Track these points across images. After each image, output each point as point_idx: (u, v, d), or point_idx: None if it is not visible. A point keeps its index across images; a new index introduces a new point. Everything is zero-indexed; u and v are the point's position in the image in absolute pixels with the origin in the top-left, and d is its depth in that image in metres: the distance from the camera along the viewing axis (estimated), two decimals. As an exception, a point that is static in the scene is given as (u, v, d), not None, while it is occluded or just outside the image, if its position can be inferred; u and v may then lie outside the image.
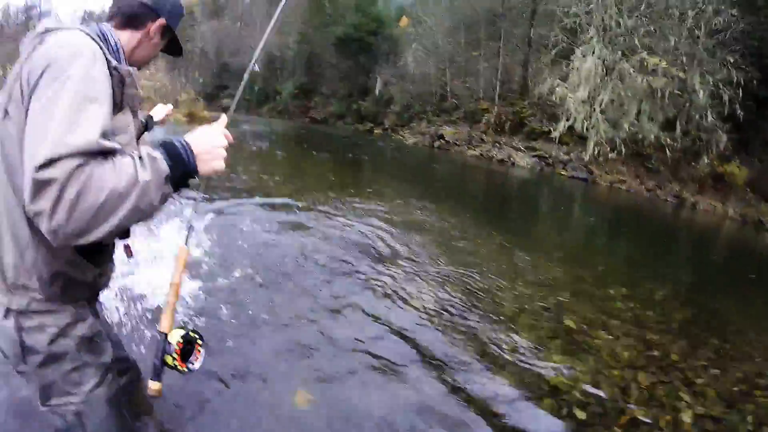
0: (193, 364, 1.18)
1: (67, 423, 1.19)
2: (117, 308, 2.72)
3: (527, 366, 2.56)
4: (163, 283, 2.53)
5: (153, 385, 1.12)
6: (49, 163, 0.81)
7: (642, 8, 14.87)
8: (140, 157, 0.90)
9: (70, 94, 0.90)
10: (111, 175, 0.84)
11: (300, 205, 5.78)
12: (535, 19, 19.23)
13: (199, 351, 1.19)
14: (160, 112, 1.64)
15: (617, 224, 8.73)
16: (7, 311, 1.08)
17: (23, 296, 1.07)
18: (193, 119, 17.49)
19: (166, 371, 1.15)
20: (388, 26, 28.96)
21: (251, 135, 16.45)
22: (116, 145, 0.89)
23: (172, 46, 1.32)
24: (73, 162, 0.82)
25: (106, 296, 2.45)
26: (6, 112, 1.00)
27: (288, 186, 7.35)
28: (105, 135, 0.89)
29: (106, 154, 0.86)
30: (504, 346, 2.75)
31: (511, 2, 20.65)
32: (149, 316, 2.65)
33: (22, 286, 1.07)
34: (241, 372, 2.30)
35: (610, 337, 3.08)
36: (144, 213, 0.90)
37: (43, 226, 0.82)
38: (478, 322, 3.02)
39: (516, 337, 2.87)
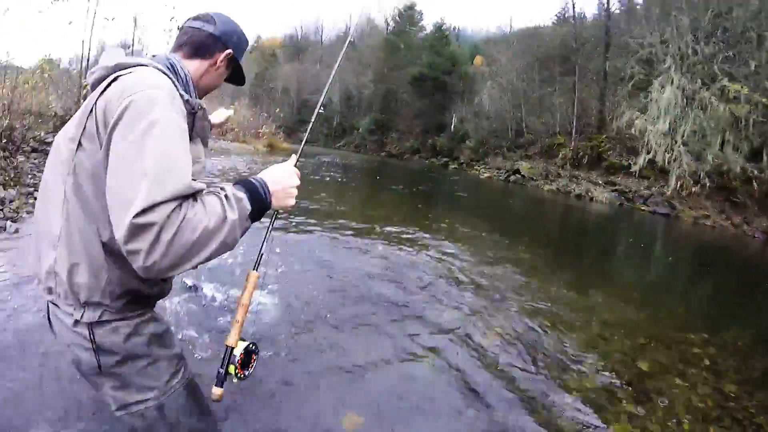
0: (248, 371, 1.27)
1: (147, 420, 1.22)
2: (185, 315, 2.92)
3: (594, 410, 2.49)
4: (230, 300, 3.15)
5: (216, 391, 1.21)
6: (148, 209, 0.87)
7: (718, 34, 14.53)
8: (226, 197, 0.98)
9: (157, 140, 0.95)
10: (202, 216, 0.91)
11: (370, 233, 5.89)
12: (609, 51, 19.26)
13: (254, 360, 1.29)
14: (220, 115, 1.72)
15: (700, 263, 8.25)
16: (76, 323, 1.12)
17: (95, 310, 1.12)
18: (274, 150, 19.30)
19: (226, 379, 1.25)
20: (462, 65, 29.85)
21: (327, 166, 17.13)
22: (203, 186, 0.96)
23: (236, 76, 1.39)
24: (170, 207, 0.88)
25: (172, 303, 2.86)
26: (80, 144, 1.05)
27: (361, 215, 7.54)
28: (193, 176, 0.96)
29: (195, 194, 0.94)
30: (571, 388, 2.68)
31: (583, 37, 20.87)
32: (212, 327, 2.81)
33: (96, 303, 1.11)
34: (290, 386, 2.35)
35: (685, 385, 2.93)
36: (229, 247, 0.98)
37: (138, 264, 0.89)
38: (544, 360, 2.97)
39: (585, 379, 2.81)
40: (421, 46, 32.56)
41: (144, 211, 0.86)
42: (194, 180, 0.94)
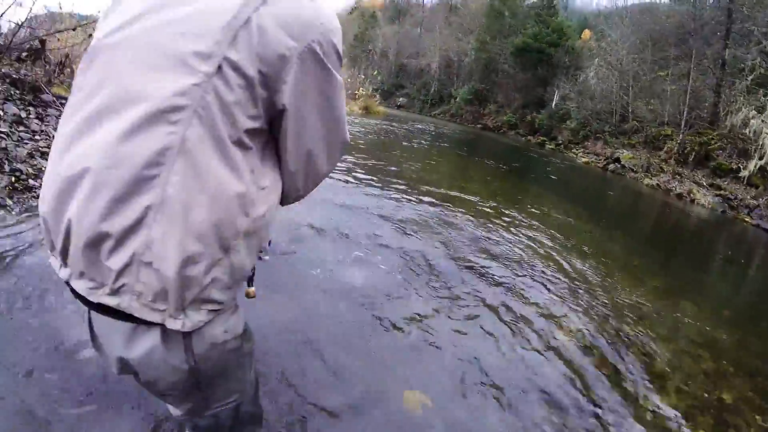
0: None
1: (216, 420, 1.10)
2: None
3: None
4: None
5: (251, 290, 1.19)
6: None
7: None
8: None
9: (342, 87, 0.94)
10: None
11: (457, 207, 5.93)
12: (730, 38, 17.92)
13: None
14: None
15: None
16: (167, 332, 0.89)
17: (198, 312, 0.87)
18: (369, 113, 19.83)
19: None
20: (569, 38, 28.98)
21: (422, 133, 17.58)
22: None
23: None
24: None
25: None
26: (219, 68, 0.78)
27: (450, 185, 7.55)
28: None
29: None
30: (647, 405, 2.59)
31: (703, 18, 19.53)
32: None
33: (202, 300, 0.86)
34: (351, 360, 2.35)
35: (765, 426, 2.72)
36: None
37: (295, 195, 1.02)
38: (622, 370, 2.89)
39: (661, 399, 2.69)
40: (526, 14, 31.68)
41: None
42: None
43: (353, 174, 6.69)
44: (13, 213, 3.72)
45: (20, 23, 6.55)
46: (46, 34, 7.18)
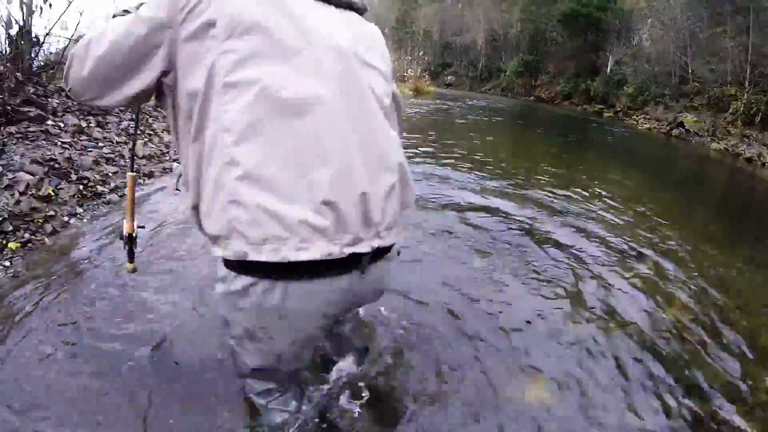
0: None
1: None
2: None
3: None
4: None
5: (130, 266, 1.79)
6: None
7: None
8: None
9: None
10: None
11: (519, 182, 5.94)
12: None
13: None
14: None
15: None
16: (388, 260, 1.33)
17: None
18: (419, 94, 20.00)
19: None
20: (618, 0, 28.36)
21: (477, 109, 17.66)
22: None
23: None
24: None
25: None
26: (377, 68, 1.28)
27: (508, 160, 7.61)
28: None
29: None
30: (755, 389, 2.39)
31: None
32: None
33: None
34: (463, 348, 2.33)
35: None
36: None
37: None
38: (727, 351, 2.68)
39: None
40: (571, -22, 31.20)
41: None
42: None
43: (425, 153, 7.17)
44: (84, 221, 3.79)
45: (70, 38, 6.56)
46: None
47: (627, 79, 24.52)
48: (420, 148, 7.44)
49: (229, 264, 1.18)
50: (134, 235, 1.80)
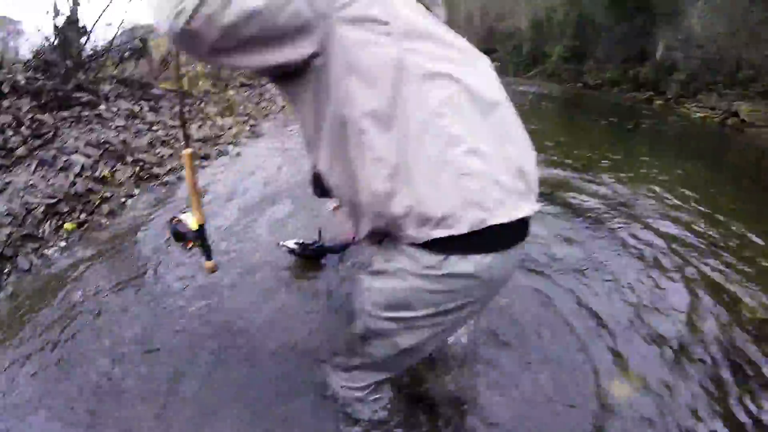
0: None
1: None
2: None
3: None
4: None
5: (209, 264, 1.64)
6: None
7: None
8: None
9: None
10: None
11: (575, 168, 6.04)
12: None
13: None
14: None
15: None
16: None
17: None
18: None
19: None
20: (668, -19, 27.35)
21: (523, 95, 17.68)
22: None
23: None
24: None
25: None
26: None
27: (564, 146, 7.63)
28: None
29: None
30: None
31: None
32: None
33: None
34: (549, 353, 2.37)
35: None
36: None
37: None
38: None
39: None
40: (618, -42, 30.30)
41: None
42: None
43: None
44: (142, 201, 3.85)
45: (120, 25, 6.94)
46: (143, 35, 7.49)
47: (678, 65, 23.48)
48: None
49: (433, 246, 1.28)
50: (204, 227, 1.70)
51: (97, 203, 3.69)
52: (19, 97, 4.76)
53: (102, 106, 5.32)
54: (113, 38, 6.74)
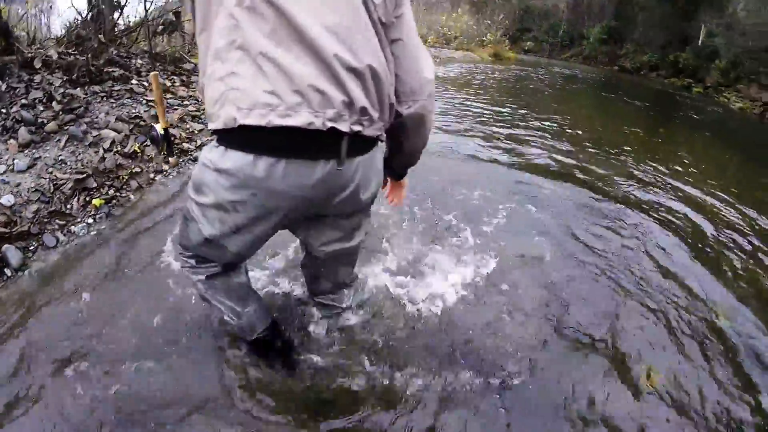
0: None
1: None
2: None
3: None
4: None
5: (173, 161, 1.96)
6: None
7: None
8: None
9: None
10: None
11: (610, 153, 5.95)
12: None
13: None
14: None
15: None
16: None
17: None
18: (499, 59, 20.04)
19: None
20: (715, -38, 26.53)
21: (559, 77, 17.32)
22: None
23: None
24: None
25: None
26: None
27: (587, 133, 7.36)
28: None
29: None
30: None
31: None
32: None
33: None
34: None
35: None
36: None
37: None
38: None
39: None
40: (664, -64, 29.41)
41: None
42: None
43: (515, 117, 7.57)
44: (171, 177, 3.75)
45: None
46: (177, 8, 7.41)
47: (719, 52, 22.76)
48: (508, 114, 7.83)
49: (221, 138, 1.40)
50: (168, 130, 2.07)
51: (125, 179, 3.65)
52: (51, 72, 4.83)
53: (134, 81, 5.33)
54: (146, 12, 6.63)
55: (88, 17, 5.85)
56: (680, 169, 6.08)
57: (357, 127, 1.36)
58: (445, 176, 4.32)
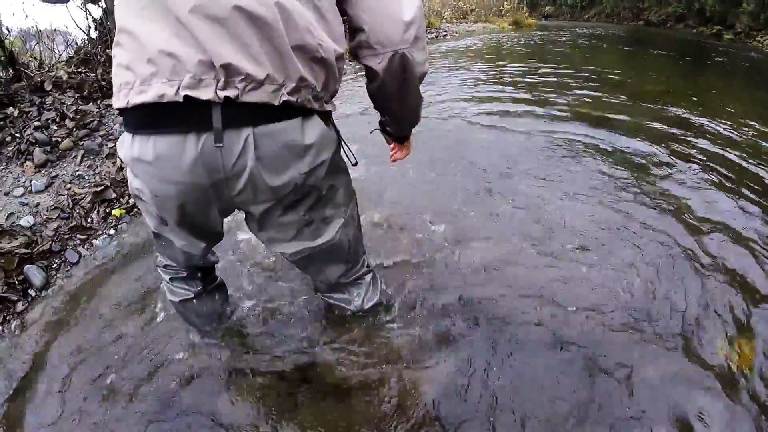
0: None
1: None
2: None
3: None
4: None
5: None
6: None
7: None
8: None
9: None
10: None
11: (649, 105, 5.79)
12: None
13: None
14: None
15: None
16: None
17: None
18: (519, 27, 19.54)
19: None
20: None
21: (581, 37, 16.82)
22: None
23: None
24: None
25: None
26: None
27: (622, 85, 7.20)
28: None
29: None
30: None
31: None
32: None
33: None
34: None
35: None
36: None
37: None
38: None
39: None
40: None
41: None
42: None
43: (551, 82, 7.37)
44: None
45: None
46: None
47: None
48: (542, 77, 7.75)
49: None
50: None
51: (144, 189, 3.77)
52: (62, 92, 4.87)
53: (146, 91, 5.56)
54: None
55: (95, 35, 5.95)
56: (715, 109, 5.91)
57: (229, 92, 1.11)
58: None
